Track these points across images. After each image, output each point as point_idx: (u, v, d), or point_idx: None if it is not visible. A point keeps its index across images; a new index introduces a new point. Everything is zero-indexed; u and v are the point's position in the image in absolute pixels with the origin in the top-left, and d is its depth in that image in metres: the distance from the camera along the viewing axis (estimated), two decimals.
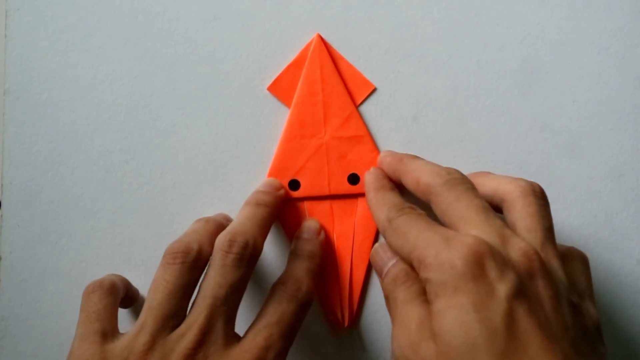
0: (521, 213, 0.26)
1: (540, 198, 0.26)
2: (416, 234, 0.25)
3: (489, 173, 0.29)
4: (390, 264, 0.27)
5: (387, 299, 0.26)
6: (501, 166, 0.33)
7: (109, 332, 0.26)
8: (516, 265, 0.23)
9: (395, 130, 0.33)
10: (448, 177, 0.26)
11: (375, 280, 0.32)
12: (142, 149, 0.33)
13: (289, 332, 0.27)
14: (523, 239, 0.24)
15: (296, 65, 0.33)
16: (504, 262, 0.22)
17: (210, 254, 0.28)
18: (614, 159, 0.33)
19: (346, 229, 0.32)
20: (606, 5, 0.34)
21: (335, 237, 0.32)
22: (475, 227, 0.24)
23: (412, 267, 0.25)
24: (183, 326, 0.26)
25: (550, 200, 0.32)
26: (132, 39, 0.33)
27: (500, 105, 0.33)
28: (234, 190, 0.33)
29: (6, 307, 0.32)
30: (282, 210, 0.32)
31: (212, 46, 0.33)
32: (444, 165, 0.27)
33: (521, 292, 0.22)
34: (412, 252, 0.24)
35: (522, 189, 0.26)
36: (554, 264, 0.24)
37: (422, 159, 0.29)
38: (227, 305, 0.26)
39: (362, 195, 0.32)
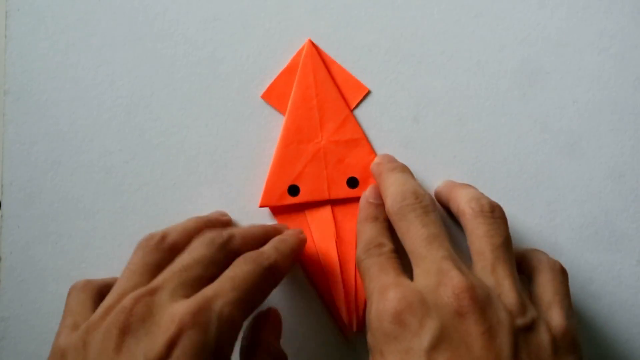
0: (471, 237, 0.26)
1: (489, 217, 0.26)
2: (368, 283, 0.26)
3: (465, 187, 0.29)
4: None
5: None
6: (501, 166, 0.33)
7: (82, 322, 0.26)
8: (444, 308, 0.23)
9: (395, 131, 0.33)
10: (402, 203, 0.27)
11: None
12: (142, 149, 0.33)
13: (244, 286, 0.25)
14: (457, 275, 0.24)
15: (289, 72, 0.33)
16: (425, 313, 0.23)
17: (179, 243, 0.27)
18: (614, 160, 0.33)
19: (348, 234, 0.32)
20: (606, 5, 0.34)
21: (337, 242, 0.32)
22: (418, 265, 0.25)
23: None
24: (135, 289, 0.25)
25: (550, 200, 0.33)
26: (132, 40, 0.33)
27: (500, 105, 0.33)
28: (234, 190, 0.33)
29: (6, 307, 0.32)
30: (283, 217, 0.32)
31: (212, 47, 0.33)
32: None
33: (443, 339, 0.22)
34: (367, 299, 0.26)
35: (472, 211, 0.27)
36: (506, 285, 0.24)
37: (396, 174, 0.29)
38: (186, 271, 0.25)
39: None
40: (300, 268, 0.32)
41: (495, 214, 0.27)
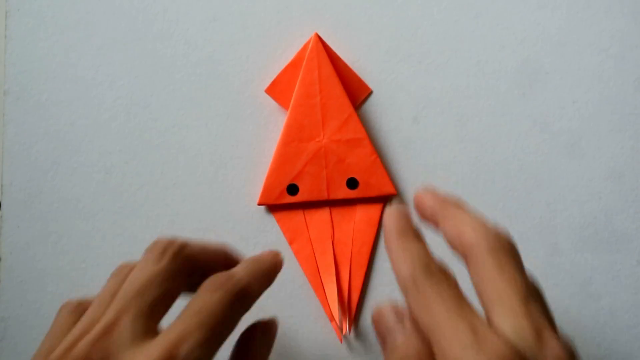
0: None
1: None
2: (444, 314, 0.22)
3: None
4: (399, 335, 0.24)
5: None
6: (501, 166, 0.33)
7: None
8: None
9: (395, 131, 0.33)
10: (495, 242, 0.23)
11: (374, 285, 0.32)
12: (142, 149, 0.33)
13: (212, 322, 0.23)
14: (558, 341, 0.21)
15: (294, 66, 0.33)
16: None
17: None
18: (614, 160, 0.33)
19: (345, 236, 0.32)
20: (606, 6, 0.34)
21: (334, 243, 0.32)
22: (510, 318, 0.22)
23: (428, 346, 0.22)
24: (95, 324, 0.23)
25: (550, 200, 0.33)
26: (132, 40, 0.33)
27: (500, 105, 0.33)
28: (234, 190, 0.33)
29: (6, 307, 0.32)
30: (281, 215, 0.32)
31: (211, 47, 0.33)
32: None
33: None
34: (434, 334, 0.22)
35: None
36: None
37: (464, 208, 0.26)
38: (141, 296, 0.23)
39: (361, 200, 0.32)
40: (299, 267, 0.32)
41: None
